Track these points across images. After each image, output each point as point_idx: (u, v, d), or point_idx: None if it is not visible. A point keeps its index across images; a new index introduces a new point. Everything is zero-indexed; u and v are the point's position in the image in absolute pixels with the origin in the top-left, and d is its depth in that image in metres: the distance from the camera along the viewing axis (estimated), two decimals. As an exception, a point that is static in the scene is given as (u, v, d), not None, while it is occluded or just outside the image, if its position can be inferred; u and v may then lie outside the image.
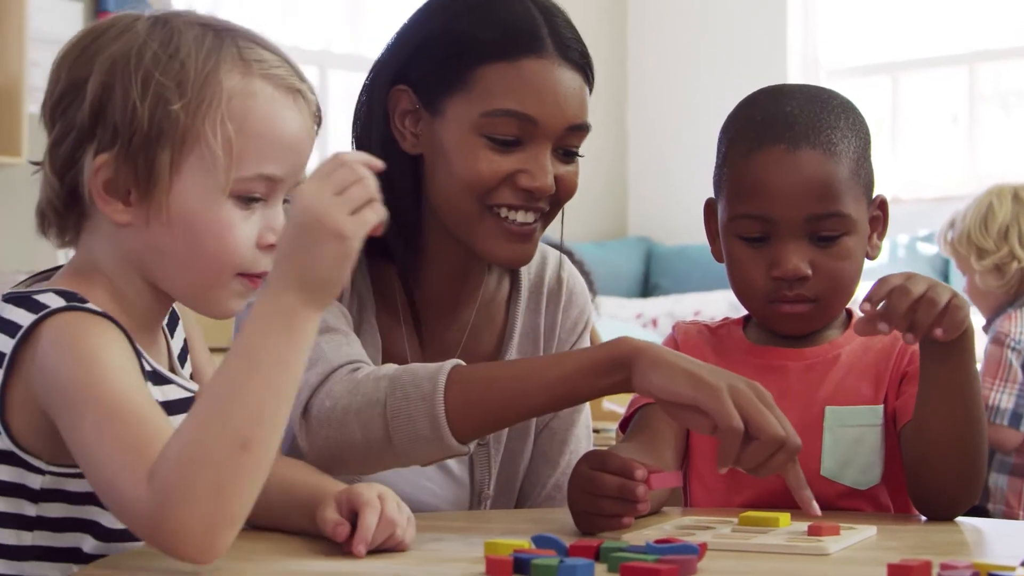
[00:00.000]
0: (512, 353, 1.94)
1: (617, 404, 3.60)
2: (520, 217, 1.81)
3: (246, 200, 1.41)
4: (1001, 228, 3.71)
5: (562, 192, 1.83)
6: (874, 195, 1.81)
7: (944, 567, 1.22)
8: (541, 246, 1.99)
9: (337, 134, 6.64)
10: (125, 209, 1.41)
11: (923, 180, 6.81)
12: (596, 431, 2.98)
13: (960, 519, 1.69)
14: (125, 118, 1.39)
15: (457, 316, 1.93)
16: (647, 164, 7.53)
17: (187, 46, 1.41)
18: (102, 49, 1.41)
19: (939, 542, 1.55)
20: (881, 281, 1.60)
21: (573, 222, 1.96)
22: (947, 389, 1.65)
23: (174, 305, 1.56)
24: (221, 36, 1.43)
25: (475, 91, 1.78)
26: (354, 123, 1.92)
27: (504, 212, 1.80)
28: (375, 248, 1.89)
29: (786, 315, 1.77)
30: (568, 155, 1.83)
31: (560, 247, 1.99)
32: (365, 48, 6.73)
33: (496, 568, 1.28)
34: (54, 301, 1.37)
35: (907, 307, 1.57)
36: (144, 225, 1.41)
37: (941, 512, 1.69)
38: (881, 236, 1.84)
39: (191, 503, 1.23)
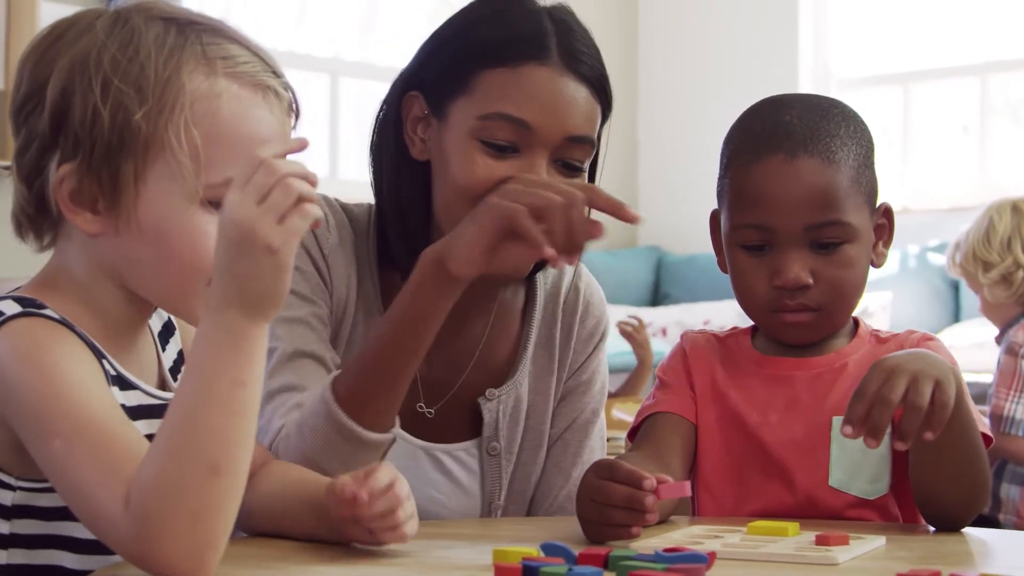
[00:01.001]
0: (527, 363, 1.93)
1: (626, 413, 3.61)
2: None
3: (217, 206, 1.32)
4: (1003, 240, 3.75)
5: None
6: (879, 203, 1.81)
7: (952, 577, 1.22)
8: None
9: (347, 141, 6.66)
10: (94, 218, 1.37)
11: (934, 190, 6.81)
12: (607, 439, 2.98)
13: (968, 530, 1.69)
14: (85, 127, 1.34)
15: (470, 326, 1.92)
16: (657, 173, 7.53)
17: (147, 47, 1.35)
18: (62, 51, 1.36)
19: (947, 552, 1.55)
20: (857, 394, 1.56)
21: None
22: (939, 444, 1.62)
23: (171, 316, 1.54)
24: (185, 33, 1.38)
25: (476, 95, 1.78)
26: (372, 129, 1.91)
27: None
28: (387, 255, 1.90)
29: (789, 324, 1.77)
30: (569, 168, 1.80)
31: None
32: (376, 56, 6.74)
33: (505, 575, 1.28)
34: (10, 308, 1.33)
35: (889, 419, 1.53)
36: (114, 234, 1.37)
37: (948, 523, 1.69)
38: (887, 244, 1.83)
39: (171, 532, 1.21)
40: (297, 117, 1.44)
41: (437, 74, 1.83)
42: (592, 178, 1.88)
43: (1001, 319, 3.79)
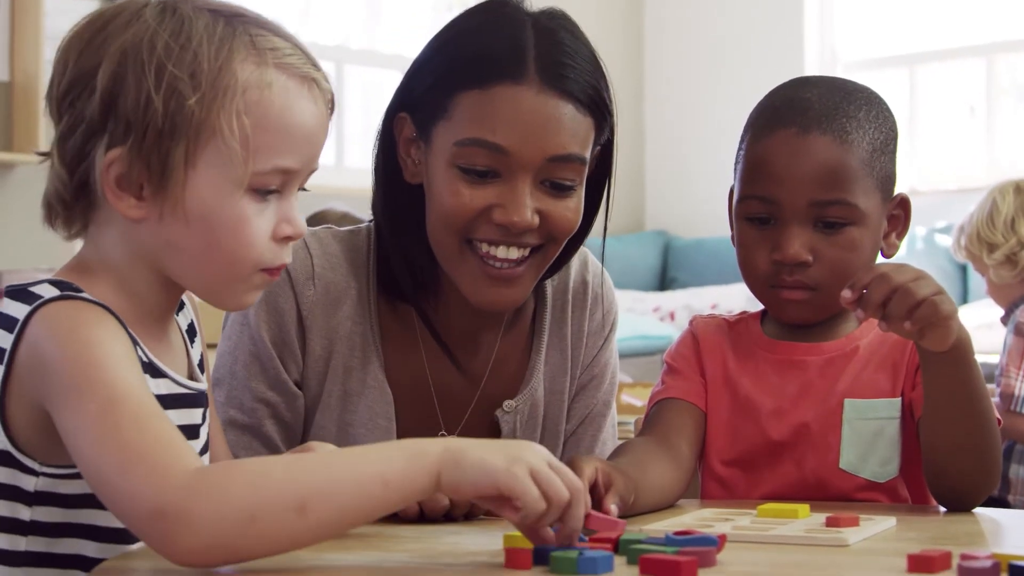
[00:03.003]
0: (540, 366, 1.91)
1: (634, 398, 3.60)
2: (501, 253, 1.73)
3: (262, 193, 1.38)
4: (1007, 220, 3.76)
5: (553, 227, 1.74)
6: (896, 193, 1.81)
7: (964, 557, 1.22)
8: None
9: (353, 129, 6.66)
10: (138, 204, 1.37)
11: (941, 172, 6.81)
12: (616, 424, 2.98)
13: (979, 510, 1.69)
14: (138, 112, 1.35)
15: (481, 343, 1.89)
16: (664, 158, 7.53)
17: (199, 35, 1.36)
18: (111, 38, 1.37)
19: (958, 533, 1.55)
20: (867, 268, 1.59)
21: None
22: (950, 403, 1.63)
23: (192, 317, 1.55)
24: (232, 24, 1.39)
25: (453, 119, 1.71)
26: (374, 147, 1.86)
27: (485, 248, 1.73)
28: (390, 289, 1.85)
29: (785, 300, 1.76)
30: (558, 188, 1.73)
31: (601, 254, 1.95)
32: (381, 44, 6.74)
33: (516, 560, 1.28)
34: (48, 291, 1.34)
35: (883, 295, 1.55)
36: (158, 220, 1.37)
37: (959, 502, 1.69)
38: (900, 236, 1.82)
39: (219, 512, 1.21)
40: (333, 111, 1.46)
41: (421, 96, 1.77)
42: (607, 179, 1.85)
43: (1006, 299, 3.80)
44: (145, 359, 1.40)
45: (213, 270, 1.40)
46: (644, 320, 6.44)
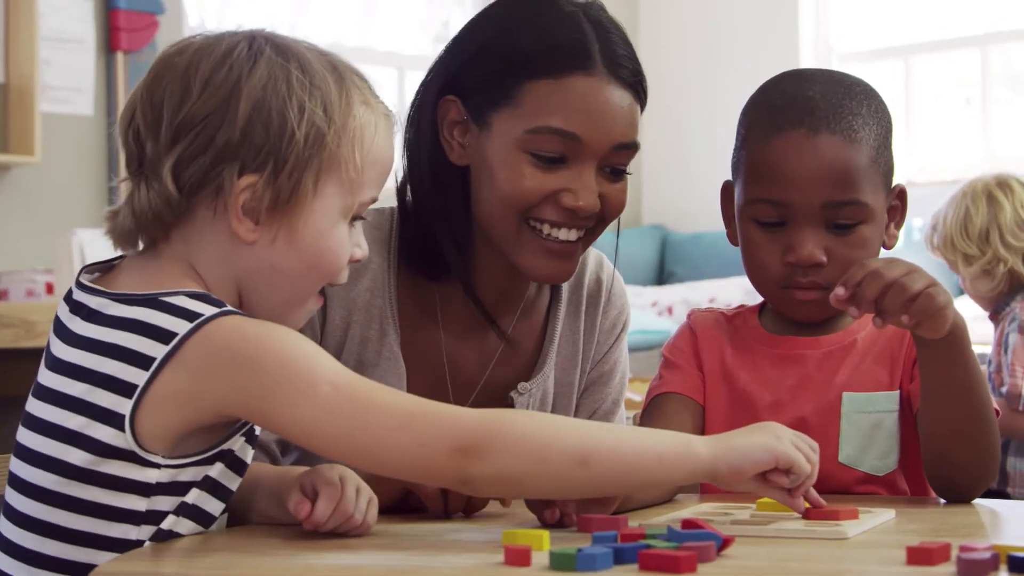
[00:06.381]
0: (553, 354, 1.94)
1: (634, 392, 3.60)
2: (563, 235, 1.80)
3: (355, 220, 1.52)
4: (981, 232, 3.66)
5: (608, 210, 1.82)
6: (893, 184, 1.81)
7: (963, 549, 1.22)
8: None
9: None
10: (255, 228, 1.46)
11: (937, 163, 6.80)
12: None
13: (979, 501, 1.69)
14: (281, 142, 1.45)
15: (502, 319, 1.92)
16: (661, 152, 7.53)
17: (321, 73, 1.48)
18: (239, 71, 1.46)
19: (958, 524, 1.55)
20: (859, 265, 1.59)
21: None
22: (948, 390, 1.64)
23: None
24: (335, 64, 1.52)
25: (521, 107, 1.78)
26: (406, 129, 1.90)
27: (547, 229, 1.80)
28: (418, 268, 1.89)
29: (799, 301, 1.76)
30: (615, 173, 1.81)
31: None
32: (376, 41, 6.73)
33: (514, 557, 1.28)
34: (195, 305, 1.41)
35: (877, 291, 1.56)
36: (268, 244, 1.47)
37: (958, 493, 1.69)
38: (899, 226, 1.83)
39: (514, 446, 1.37)
40: None
41: (477, 83, 1.81)
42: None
43: (988, 302, 3.75)
44: None
45: (297, 291, 1.51)
46: (642, 314, 6.44)
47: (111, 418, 1.40)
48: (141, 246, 1.51)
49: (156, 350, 1.39)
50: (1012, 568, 1.19)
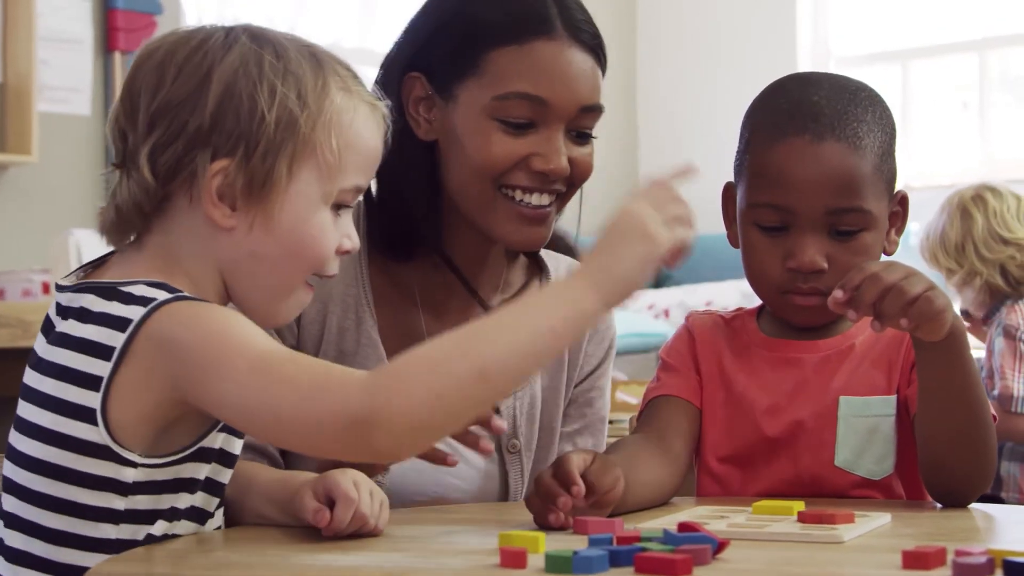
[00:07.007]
0: None
1: (629, 395, 3.60)
2: (535, 200, 1.82)
3: (339, 208, 1.50)
4: (957, 246, 3.71)
5: (577, 174, 1.84)
6: (896, 191, 1.81)
7: (959, 553, 1.22)
8: (568, 260, 2.00)
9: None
10: (232, 214, 1.45)
11: (934, 167, 6.80)
12: (610, 422, 2.98)
13: (975, 506, 1.69)
14: (251, 126, 1.44)
15: (474, 309, 1.92)
16: (658, 154, 7.52)
17: (296, 60, 1.48)
18: (212, 57, 1.46)
19: (953, 528, 1.55)
20: (857, 269, 1.59)
21: (584, 213, 1.96)
22: (945, 393, 1.63)
23: None
24: (315, 52, 1.51)
25: (486, 76, 1.80)
26: None
27: (519, 195, 1.81)
28: (390, 251, 1.89)
29: (799, 307, 1.76)
30: (582, 137, 1.84)
31: (573, 248, 1.99)
32: (375, 43, 6.73)
33: (510, 559, 1.28)
34: (149, 292, 1.40)
35: (876, 295, 1.56)
36: (246, 230, 1.46)
37: (955, 498, 1.69)
38: (899, 232, 1.83)
39: (407, 399, 1.28)
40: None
41: (441, 56, 1.83)
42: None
43: (978, 309, 3.78)
44: None
45: (281, 280, 1.49)
46: (638, 317, 6.44)
47: (83, 414, 1.40)
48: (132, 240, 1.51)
49: (115, 339, 1.39)
50: (1008, 572, 1.19)
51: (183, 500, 1.46)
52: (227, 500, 1.56)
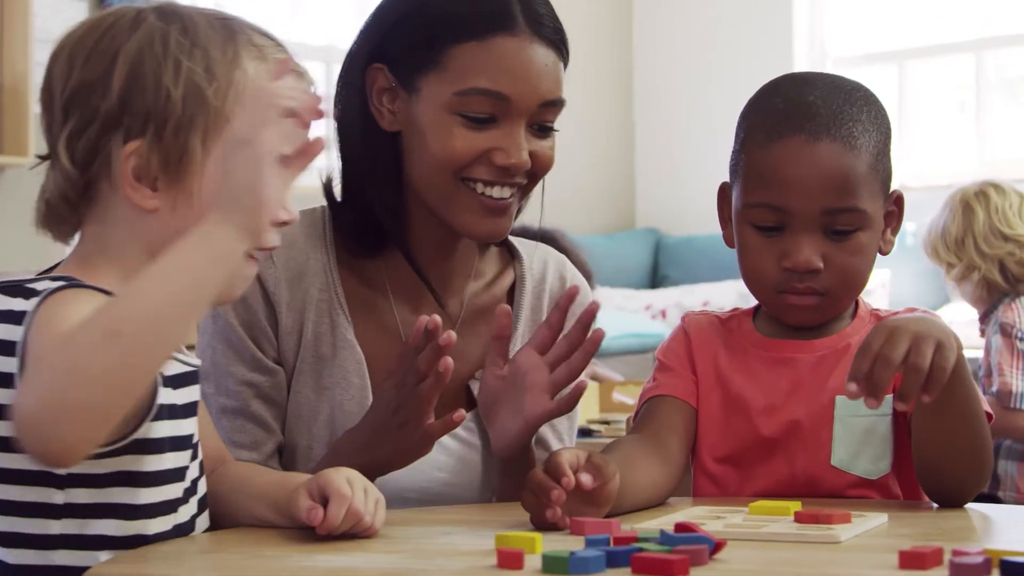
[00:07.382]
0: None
1: (626, 396, 3.60)
2: (496, 192, 1.83)
3: None
4: (958, 240, 3.74)
5: (538, 167, 1.85)
6: (890, 190, 1.81)
7: (956, 553, 1.22)
8: (542, 247, 2.00)
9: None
10: (152, 195, 1.44)
11: (931, 168, 6.81)
12: (606, 423, 2.98)
13: (971, 505, 1.69)
14: (158, 104, 1.43)
15: (453, 292, 1.94)
16: (654, 155, 7.53)
17: (205, 33, 1.46)
18: (119, 40, 1.45)
19: (950, 528, 1.55)
20: (860, 352, 1.55)
21: (581, 214, 1.97)
22: (941, 400, 1.63)
23: None
24: (228, 24, 1.49)
25: (448, 71, 1.81)
26: (334, 103, 1.93)
27: (480, 188, 1.83)
28: (357, 248, 1.90)
29: (794, 306, 1.76)
30: (543, 130, 1.86)
31: (541, 233, 1.99)
32: (371, 43, 6.72)
33: (507, 560, 1.28)
34: (53, 285, 1.38)
35: (889, 380, 1.53)
36: (171, 210, 1.45)
37: (951, 499, 1.69)
38: (895, 231, 1.83)
39: (40, 387, 1.22)
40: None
41: (404, 49, 1.84)
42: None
43: (977, 302, 3.79)
44: None
45: None
46: (635, 318, 6.44)
47: (5, 411, 1.38)
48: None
49: (15, 334, 1.37)
50: (1005, 572, 1.20)
51: (129, 496, 1.43)
52: (224, 502, 1.56)
